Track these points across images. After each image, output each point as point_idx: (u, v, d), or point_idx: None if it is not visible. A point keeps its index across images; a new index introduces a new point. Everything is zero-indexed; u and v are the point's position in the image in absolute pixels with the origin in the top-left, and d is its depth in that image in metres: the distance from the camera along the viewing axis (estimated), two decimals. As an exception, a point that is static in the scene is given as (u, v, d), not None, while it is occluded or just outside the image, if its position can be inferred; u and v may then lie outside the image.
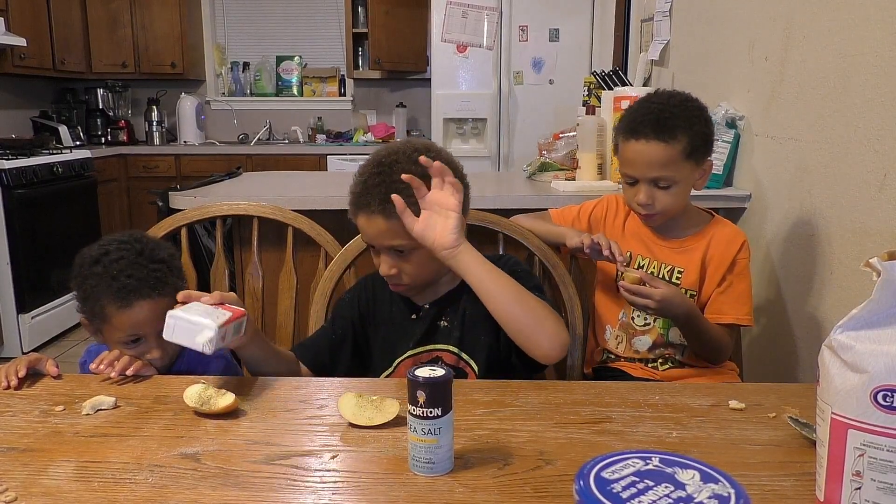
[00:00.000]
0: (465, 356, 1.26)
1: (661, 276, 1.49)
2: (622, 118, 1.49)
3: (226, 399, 0.99)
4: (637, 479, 0.63)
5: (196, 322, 1.02)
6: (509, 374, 1.17)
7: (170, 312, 1.04)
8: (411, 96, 5.25)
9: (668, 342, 1.49)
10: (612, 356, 1.55)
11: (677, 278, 1.48)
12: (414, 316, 1.30)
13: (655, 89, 1.57)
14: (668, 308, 1.37)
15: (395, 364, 1.28)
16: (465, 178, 1.23)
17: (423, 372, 0.84)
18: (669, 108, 1.41)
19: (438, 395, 0.82)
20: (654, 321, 1.50)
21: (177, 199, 2.13)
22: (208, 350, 1.01)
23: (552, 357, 1.14)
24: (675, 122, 1.39)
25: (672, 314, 1.41)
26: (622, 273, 1.51)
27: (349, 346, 1.32)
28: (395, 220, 1.15)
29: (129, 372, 1.11)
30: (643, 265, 1.51)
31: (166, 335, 1.03)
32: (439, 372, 0.83)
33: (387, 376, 1.28)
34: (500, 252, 1.56)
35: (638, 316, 1.51)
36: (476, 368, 1.25)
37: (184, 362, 1.25)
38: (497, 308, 1.14)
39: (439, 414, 0.82)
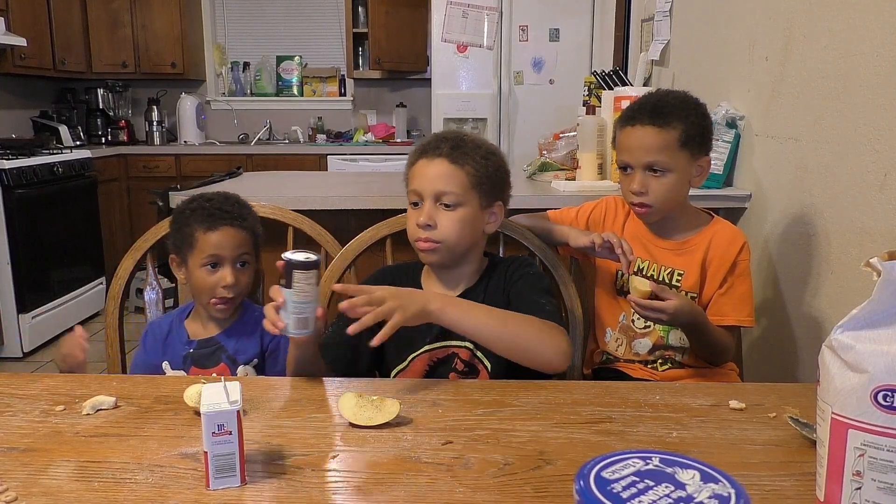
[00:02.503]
0: (479, 354, 1.26)
1: (660, 278, 1.48)
2: (621, 112, 1.51)
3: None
4: (637, 479, 0.63)
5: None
6: (522, 373, 1.17)
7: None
8: (411, 96, 5.25)
9: (667, 344, 1.49)
10: (612, 358, 1.54)
11: (677, 280, 1.47)
12: None
13: (657, 89, 1.59)
14: (679, 319, 1.36)
15: (409, 359, 1.28)
16: (510, 172, 1.33)
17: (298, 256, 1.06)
18: (666, 99, 1.44)
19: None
20: (654, 324, 1.49)
21: (177, 199, 2.12)
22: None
23: (555, 366, 1.16)
24: (670, 109, 1.41)
25: (681, 323, 1.40)
26: (625, 278, 1.49)
27: (360, 347, 1.29)
28: (457, 167, 1.24)
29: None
30: (642, 268, 1.50)
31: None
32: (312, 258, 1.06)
33: (400, 370, 1.28)
34: (500, 252, 1.56)
35: (638, 319, 1.50)
36: (489, 367, 1.26)
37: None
38: (490, 345, 1.16)
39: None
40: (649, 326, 1.49)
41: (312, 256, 1.08)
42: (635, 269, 1.51)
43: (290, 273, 1.07)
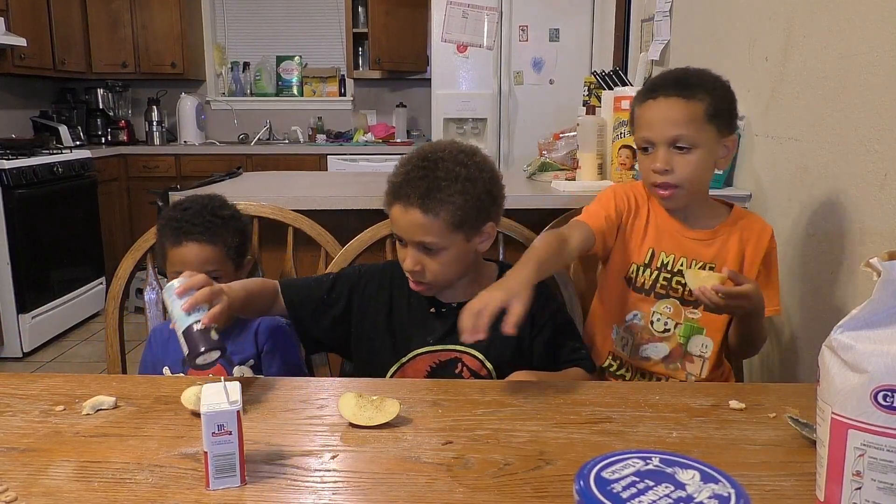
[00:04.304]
0: (489, 365, 1.26)
1: None
2: (639, 90, 1.40)
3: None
4: (637, 479, 0.63)
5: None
6: None
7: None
8: (411, 96, 5.25)
9: (686, 352, 1.38)
10: (615, 363, 1.45)
11: None
12: (433, 310, 1.30)
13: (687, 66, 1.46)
14: (756, 303, 1.24)
15: (410, 356, 1.28)
16: (499, 180, 1.27)
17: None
18: (689, 72, 1.37)
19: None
20: (675, 328, 1.37)
21: (176, 199, 2.12)
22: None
23: None
24: (695, 81, 1.32)
25: (755, 308, 1.27)
26: (646, 274, 1.38)
27: (332, 317, 1.32)
28: (431, 216, 1.18)
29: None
30: (667, 263, 1.38)
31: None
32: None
33: (401, 365, 1.28)
34: (500, 253, 1.56)
35: (657, 320, 1.38)
36: (496, 377, 1.26)
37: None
38: None
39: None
40: (669, 330, 1.38)
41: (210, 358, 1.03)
42: (657, 265, 1.39)
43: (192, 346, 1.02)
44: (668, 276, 1.38)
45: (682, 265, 1.37)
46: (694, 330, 1.37)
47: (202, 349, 1.01)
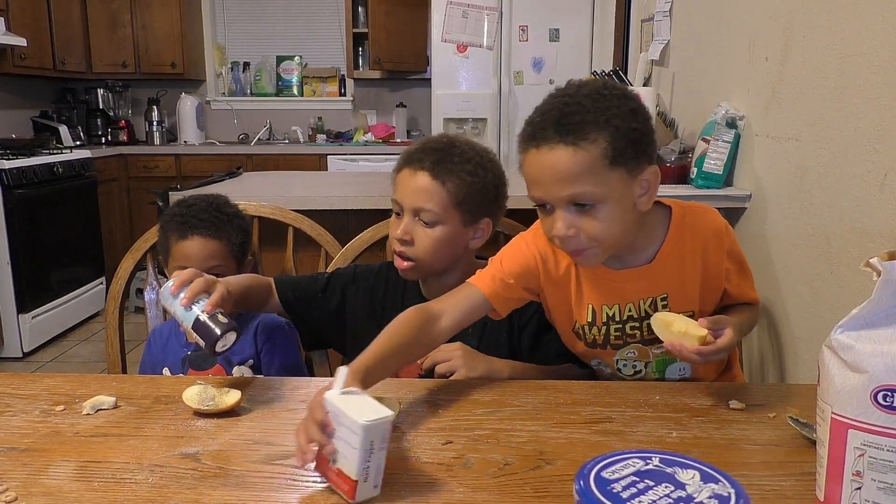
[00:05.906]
0: None
1: (641, 314, 1.15)
2: (522, 130, 1.12)
3: (232, 396, 1.00)
4: (637, 479, 0.63)
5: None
6: None
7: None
8: (411, 96, 5.25)
9: (665, 380, 1.23)
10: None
11: (662, 308, 1.15)
12: None
13: (566, 83, 1.12)
14: (741, 336, 1.14)
15: None
16: (505, 183, 1.29)
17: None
18: (578, 100, 1.03)
19: None
20: (646, 366, 1.21)
21: (181, 197, 2.12)
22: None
23: None
24: (584, 116, 1.01)
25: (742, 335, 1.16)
26: (595, 331, 1.18)
27: (327, 313, 1.34)
28: (438, 183, 1.20)
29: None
30: (612, 315, 1.16)
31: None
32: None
33: None
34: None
35: (625, 366, 1.21)
36: None
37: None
38: None
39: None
40: (640, 371, 1.21)
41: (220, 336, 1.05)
42: (602, 322, 1.18)
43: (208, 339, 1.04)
44: (620, 326, 1.16)
45: (630, 310, 1.15)
46: (667, 361, 1.20)
47: (218, 333, 1.02)
